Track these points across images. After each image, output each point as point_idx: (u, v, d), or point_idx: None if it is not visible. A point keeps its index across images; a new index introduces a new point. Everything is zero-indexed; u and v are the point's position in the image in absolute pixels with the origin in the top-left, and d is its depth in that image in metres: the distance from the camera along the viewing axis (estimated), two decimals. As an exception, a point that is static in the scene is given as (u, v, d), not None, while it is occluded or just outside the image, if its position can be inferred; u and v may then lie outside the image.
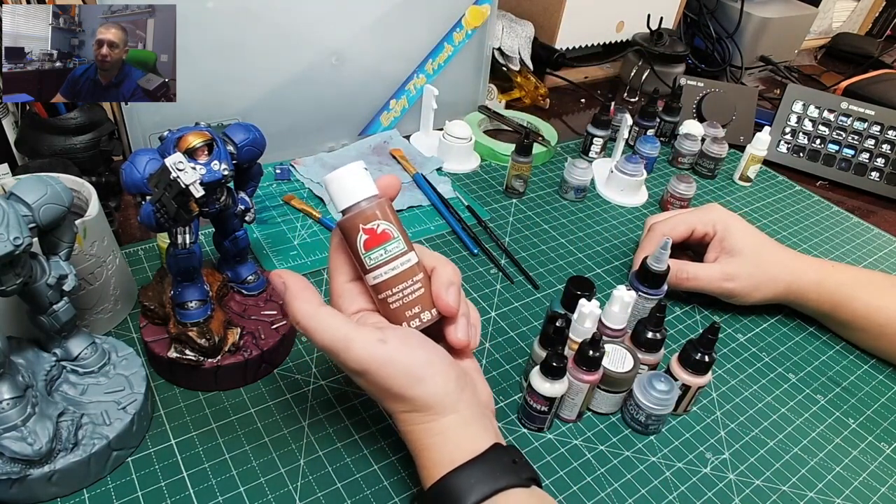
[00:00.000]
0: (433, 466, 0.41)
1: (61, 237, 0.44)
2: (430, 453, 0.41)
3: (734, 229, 0.66)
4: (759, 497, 0.51)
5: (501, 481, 0.39)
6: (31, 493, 0.43)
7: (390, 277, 0.42)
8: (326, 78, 0.81)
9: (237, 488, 0.46)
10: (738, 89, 1.06)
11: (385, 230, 0.42)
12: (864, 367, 0.65)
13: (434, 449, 0.41)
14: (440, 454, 0.41)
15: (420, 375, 0.41)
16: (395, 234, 0.42)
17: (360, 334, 0.40)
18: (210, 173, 0.45)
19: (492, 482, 0.39)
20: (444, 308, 0.43)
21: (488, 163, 0.90)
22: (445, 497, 0.39)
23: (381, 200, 0.43)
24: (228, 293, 0.57)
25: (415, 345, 0.42)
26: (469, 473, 0.39)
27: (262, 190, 0.77)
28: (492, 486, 0.39)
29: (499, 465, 0.40)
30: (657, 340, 0.55)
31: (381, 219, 0.42)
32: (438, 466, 0.40)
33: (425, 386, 0.41)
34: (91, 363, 0.48)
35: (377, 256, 0.42)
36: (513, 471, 0.40)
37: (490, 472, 0.39)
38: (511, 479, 0.39)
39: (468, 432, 0.41)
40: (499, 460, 0.40)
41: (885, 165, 0.97)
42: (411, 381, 0.40)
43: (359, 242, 0.42)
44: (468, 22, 0.89)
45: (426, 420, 0.41)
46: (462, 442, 0.41)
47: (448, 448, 0.41)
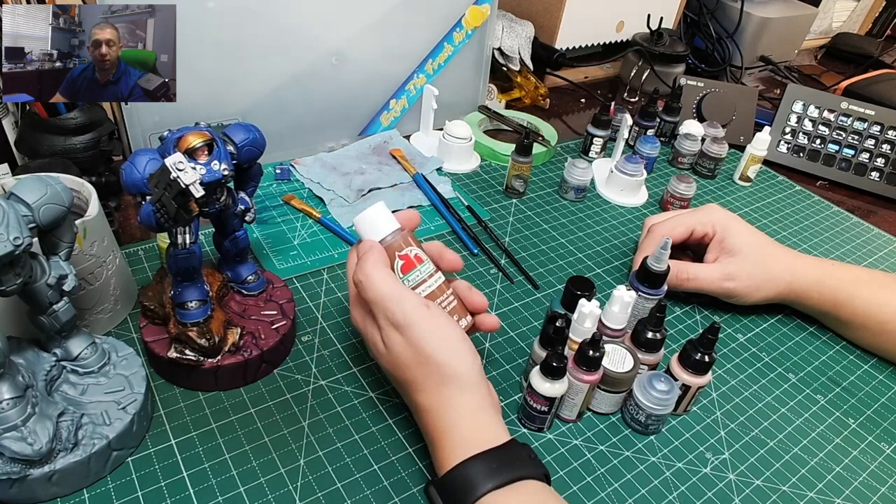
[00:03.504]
0: (453, 449, 0.42)
1: (61, 237, 0.44)
2: (452, 434, 0.43)
3: (733, 229, 0.66)
4: (759, 497, 0.51)
5: (520, 471, 0.41)
6: (31, 493, 0.43)
7: (427, 294, 0.48)
8: (326, 78, 0.81)
9: (237, 488, 0.46)
10: (738, 89, 1.06)
11: (417, 255, 0.49)
12: (864, 366, 0.65)
13: (454, 430, 0.43)
14: (461, 436, 0.43)
15: (453, 344, 0.45)
16: (425, 257, 0.49)
17: (412, 294, 0.46)
18: (210, 173, 0.45)
19: (509, 471, 0.41)
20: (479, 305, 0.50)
21: (488, 163, 0.90)
22: (464, 481, 0.41)
23: (406, 231, 0.49)
24: (228, 293, 0.57)
25: (453, 321, 0.47)
26: (489, 461, 0.41)
27: (262, 190, 0.77)
28: (509, 475, 0.41)
29: (517, 457, 0.42)
30: (657, 340, 0.55)
31: (413, 245, 0.49)
32: (460, 449, 0.42)
33: (457, 354, 0.45)
34: (91, 363, 0.48)
35: (414, 278, 0.48)
36: (530, 464, 0.42)
37: (509, 461, 0.42)
38: (528, 471, 0.42)
39: (486, 419, 0.44)
40: (517, 453, 0.42)
41: (885, 165, 0.97)
42: (445, 345, 0.45)
43: (396, 268, 0.48)
44: (468, 22, 0.89)
45: (449, 396, 0.44)
46: (481, 427, 0.43)
47: (468, 431, 0.43)
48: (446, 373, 0.44)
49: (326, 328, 0.60)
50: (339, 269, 0.68)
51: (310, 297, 0.64)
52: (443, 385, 0.44)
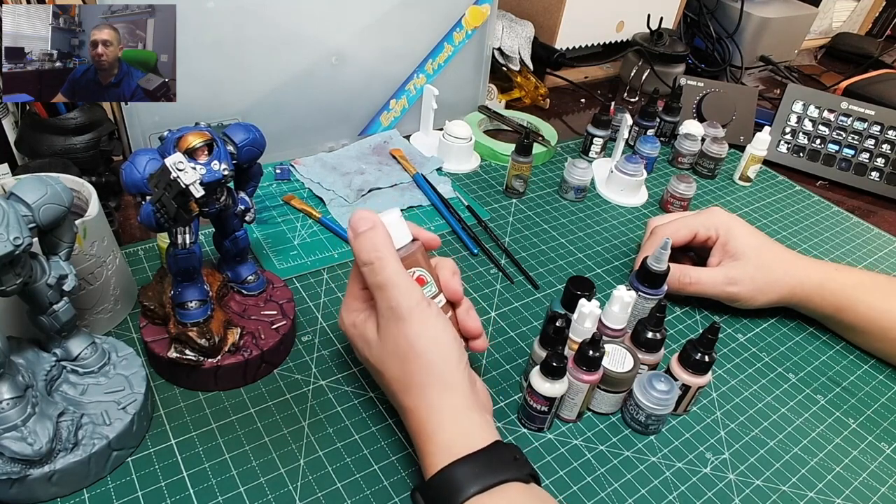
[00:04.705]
0: (437, 452, 0.42)
1: (61, 237, 0.44)
2: (436, 436, 0.43)
3: (737, 233, 0.66)
4: (759, 497, 0.51)
5: (502, 475, 0.41)
6: (31, 493, 0.43)
7: None
8: (326, 78, 0.81)
9: (237, 488, 0.46)
10: (738, 89, 1.06)
11: (420, 276, 0.48)
12: (864, 367, 0.65)
13: (439, 432, 0.43)
14: (445, 438, 0.43)
15: (443, 339, 0.45)
16: (429, 279, 0.49)
17: (418, 288, 0.46)
18: (210, 173, 0.45)
19: (493, 475, 0.41)
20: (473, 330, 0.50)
21: (488, 163, 0.90)
22: (448, 486, 0.40)
23: (419, 247, 0.49)
24: (228, 293, 0.57)
25: (448, 323, 0.47)
26: (472, 464, 0.41)
27: (262, 190, 0.77)
28: (493, 479, 0.40)
29: (500, 460, 0.42)
30: (657, 340, 0.55)
31: (420, 266, 0.48)
32: (444, 452, 0.42)
33: (445, 349, 0.45)
34: (91, 363, 0.48)
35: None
36: (514, 466, 0.42)
37: (491, 465, 0.41)
38: (512, 474, 0.41)
39: (472, 421, 0.44)
40: (500, 455, 0.42)
41: (885, 165, 0.97)
42: (436, 345, 0.45)
43: None
44: (468, 22, 0.89)
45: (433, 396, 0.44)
46: (466, 430, 0.43)
47: (452, 434, 0.43)
48: (433, 372, 0.44)
49: (326, 328, 0.60)
50: (338, 268, 0.68)
51: (310, 297, 0.64)
52: (428, 386, 0.44)
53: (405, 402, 0.45)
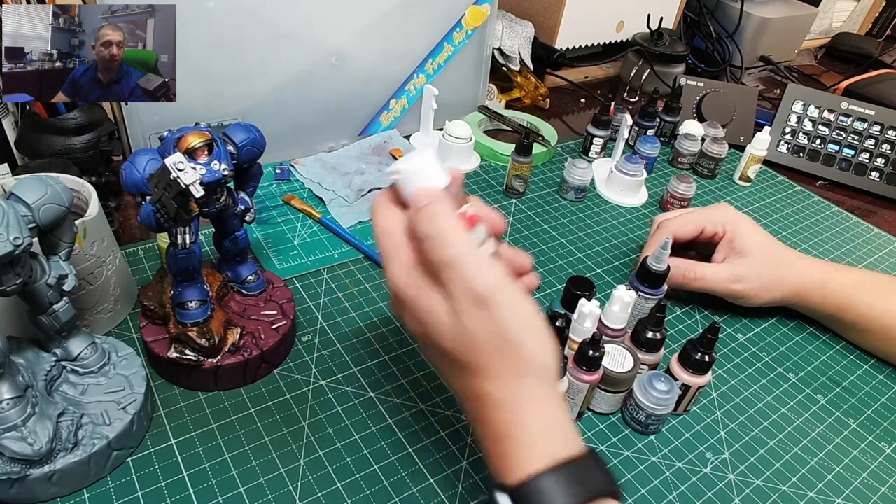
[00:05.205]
0: (525, 445, 0.37)
1: (61, 237, 0.44)
2: (523, 429, 0.37)
3: (744, 230, 0.66)
4: (759, 497, 0.51)
5: (595, 487, 0.36)
6: (31, 493, 0.43)
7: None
8: (326, 78, 0.81)
9: (237, 488, 0.46)
10: (738, 89, 1.06)
11: (473, 214, 0.41)
12: (864, 367, 0.65)
13: (527, 424, 0.37)
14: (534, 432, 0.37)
15: (539, 331, 0.39)
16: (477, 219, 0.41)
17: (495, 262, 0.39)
18: (210, 173, 0.45)
19: (586, 488, 0.36)
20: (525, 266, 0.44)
21: (488, 163, 0.90)
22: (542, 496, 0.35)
23: (460, 185, 0.42)
24: (228, 293, 0.57)
25: (533, 301, 0.40)
26: (569, 473, 0.36)
27: (262, 190, 0.77)
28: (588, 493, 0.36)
29: (599, 471, 0.37)
30: (657, 340, 0.55)
31: (469, 202, 0.42)
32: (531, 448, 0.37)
33: (543, 343, 0.39)
34: (91, 363, 0.48)
35: (474, 238, 0.40)
36: (605, 480, 0.37)
37: (587, 477, 0.36)
38: (606, 486, 0.37)
39: (561, 416, 0.38)
40: (599, 466, 0.37)
41: (885, 165, 0.97)
42: (532, 332, 0.38)
43: None
44: (468, 22, 0.89)
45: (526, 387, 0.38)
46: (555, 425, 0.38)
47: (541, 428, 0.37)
48: (531, 363, 0.38)
49: (326, 328, 0.60)
50: (338, 268, 0.68)
51: (310, 297, 0.64)
52: (522, 375, 0.38)
53: (486, 390, 0.39)
